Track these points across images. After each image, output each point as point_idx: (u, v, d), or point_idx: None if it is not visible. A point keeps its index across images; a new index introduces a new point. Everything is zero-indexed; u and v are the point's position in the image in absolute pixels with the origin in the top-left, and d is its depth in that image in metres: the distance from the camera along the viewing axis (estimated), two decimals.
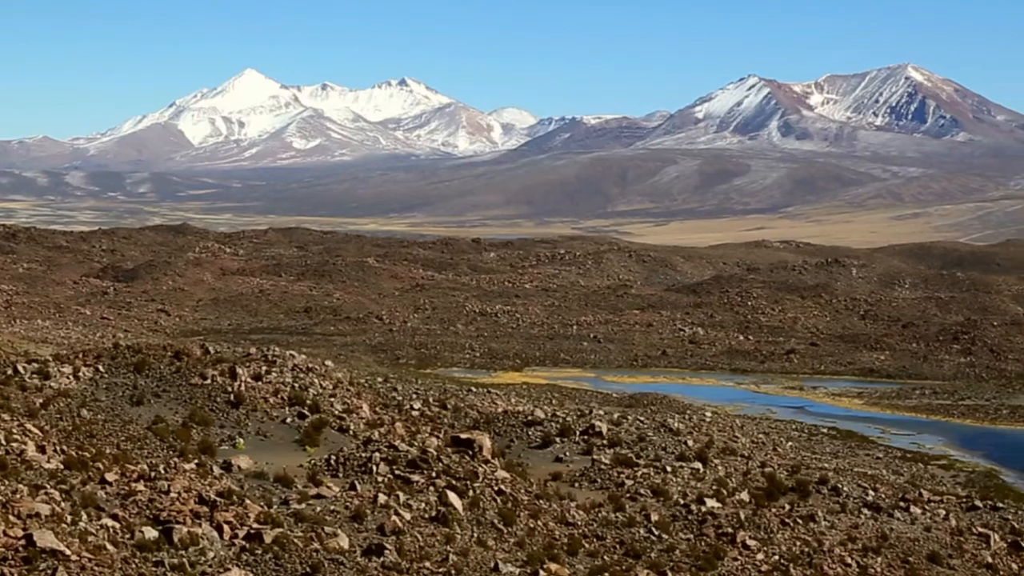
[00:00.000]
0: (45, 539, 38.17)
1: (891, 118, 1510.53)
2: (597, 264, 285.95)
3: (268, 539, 42.98)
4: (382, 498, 50.63)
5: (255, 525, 44.07)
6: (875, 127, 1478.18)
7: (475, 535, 49.99)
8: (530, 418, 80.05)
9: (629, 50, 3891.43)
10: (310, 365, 79.69)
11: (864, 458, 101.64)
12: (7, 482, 43.57)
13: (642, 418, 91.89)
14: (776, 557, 53.84)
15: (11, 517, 40.01)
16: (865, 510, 66.48)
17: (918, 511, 67.17)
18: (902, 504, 68.32)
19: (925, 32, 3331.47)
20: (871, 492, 71.73)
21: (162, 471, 48.62)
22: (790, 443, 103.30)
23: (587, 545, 51.97)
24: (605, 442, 74.85)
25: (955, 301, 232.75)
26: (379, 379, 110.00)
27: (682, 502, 60.23)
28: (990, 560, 58.62)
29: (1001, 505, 75.92)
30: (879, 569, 55.01)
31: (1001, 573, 57.15)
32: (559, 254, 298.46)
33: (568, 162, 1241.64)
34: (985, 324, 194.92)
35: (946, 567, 56.81)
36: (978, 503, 75.15)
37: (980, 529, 64.63)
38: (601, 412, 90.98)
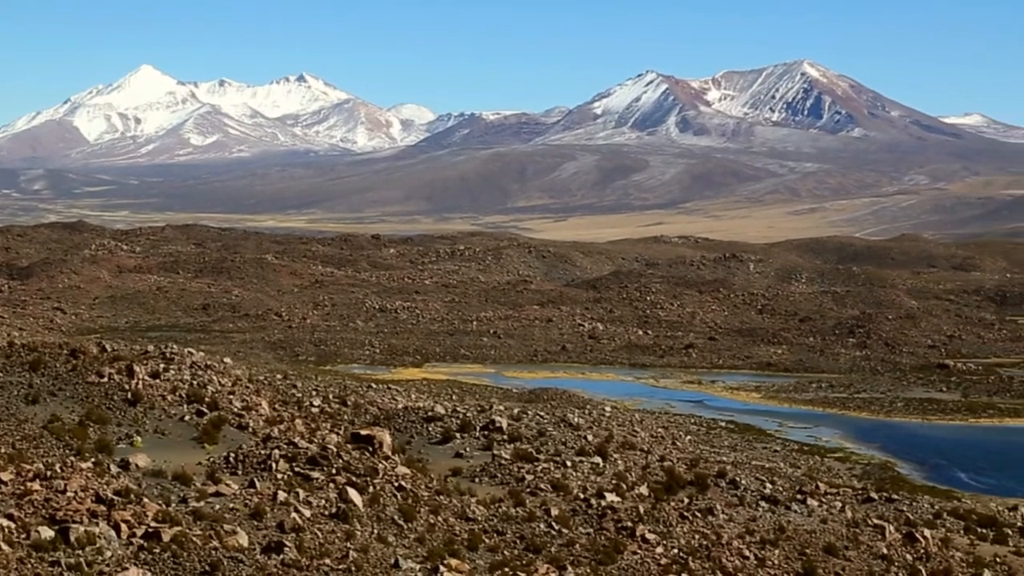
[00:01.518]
0: None
1: (787, 114, 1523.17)
2: (497, 260, 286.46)
3: (166, 538, 42.59)
4: (282, 495, 50.35)
5: (153, 524, 43.63)
6: (772, 123, 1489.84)
7: (375, 531, 49.83)
8: (430, 414, 79.99)
9: (528, 46, 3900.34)
10: (208, 362, 79.19)
11: (762, 451, 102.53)
12: None
13: (542, 413, 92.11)
14: (675, 550, 54.09)
15: None
16: (763, 503, 67.03)
17: (815, 503, 67.83)
18: (799, 497, 68.97)
19: (821, 28, 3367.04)
20: (769, 485, 72.35)
21: (58, 470, 48.00)
22: (689, 437, 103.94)
23: (487, 540, 51.96)
24: (505, 437, 74.94)
25: (851, 295, 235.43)
26: (278, 376, 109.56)
27: (582, 496, 60.35)
28: (885, 551, 59.24)
29: (896, 497, 76.92)
30: (777, 561, 55.43)
31: (896, 564, 57.76)
32: (459, 250, 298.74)
33: (467, 158, 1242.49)
34: (880, 318, 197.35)
35: (842, 558, 57.34)
36: (873, 495, 76.07)
37: (875, 520, 65.33)
38: (501, 407, 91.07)
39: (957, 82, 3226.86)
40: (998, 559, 61.86)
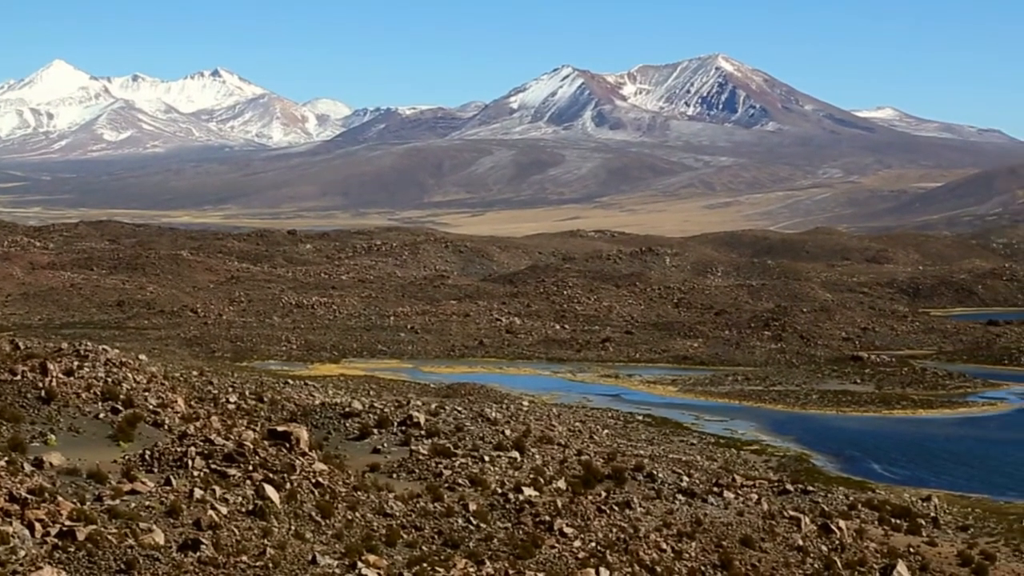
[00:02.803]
0: None
1: (703, 108, 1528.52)
2: (414, 255, 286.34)
3: (81, 536, 42.28)
4: (198, 493, 50.10)
5: (68, 522, 43.31)
6: (687, 117, 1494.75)
7: (293, 528, 49.71)
8: (348, 410, 79.81)
9: (443, 41, 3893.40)
10: (123, 359, 78.52)
11: (679, 444, 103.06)
12: None
13: (460, 408, 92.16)
14: (593, 544, 54.30)
15: None
16: (680, 496, 67.39)
17: (731, 496, 68.26)
18: (716, 489, 69.37)
19: (735, 23, 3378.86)
20: (685, 478, 72.72)
21: None
22: (606, 431, 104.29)
23: (405, 536, 51.97)
24: (423, 432, 74.86)
25: (766, 288, 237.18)
26: (194, 373, 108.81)
27: (500, 491, 60.45)
28: (801, 542, 59.76)
29: (811, 488, 77.64)
30: (694, 554, 55.78)
31: (811, 555, 58.28)
32: (375, 245, 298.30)
33: (383, 153, 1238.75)
34: (795, 311, 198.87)
35: (758, 550, 57.78)
36: (789, 487, 76.73)
37: (791, 512, 65.90)
38: (419, 403, 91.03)
39: (870, 76, 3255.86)
40: (912, 549, 62.55)
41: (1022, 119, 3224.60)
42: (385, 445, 72.28)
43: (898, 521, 70.92)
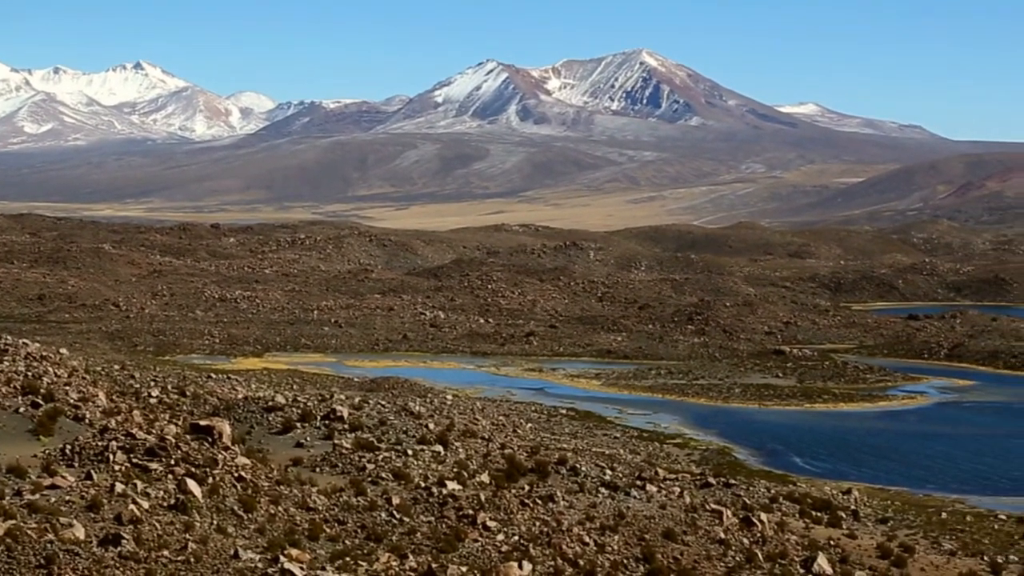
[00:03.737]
0: None
1: (627, 103, 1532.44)
2: (338, 249, 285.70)
3: (0, 532, 42.01)
4: (119, 487, 49.84)
5: None
6: (611, 112, 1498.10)
7: (215, 522, 49.55)
8: (271, 404, 79.55)
9: (368, 34, 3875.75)
10: (44, 353, 78.00)
11: (602, 438, 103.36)
12: None
13: (383, 402, 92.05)
14: (516, 538, 54.43)
15: None
16: (603, 489, 67.65)
17: (654, 489, 68.61)
18: (638, 483, 69.69)
19: (659, 17, 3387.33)
20: (609, 472, 73.01)
21: None
22: (530, 425, 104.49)
23: (328, 530, 51.92)
24: (346, 427, 74.76)
25: (689, 283, 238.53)
26: (116, 367, 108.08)
27: (423, 485, 60.49)
28: (723, 535, 60.11)
29: (733, 482, 78.09)
30: (616, 547, 55.99)
31: (733, 548, 58.62)
32: (299, 239, 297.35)
33: (308, 146, 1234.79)
34: (718, 305, 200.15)
35: (680, 543, 58.07)
36: (711, 480, 77.17)
37: (713, 506, 66.29)
38: (342, 397, 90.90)
39: (792, 72, 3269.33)
40: (832, 542, 63.08)
41: (943, 115, 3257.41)
42: (308, 439, 72.12)
43: (819, 514, 71.49)
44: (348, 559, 47.87)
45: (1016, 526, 75.45)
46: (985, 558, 63.77)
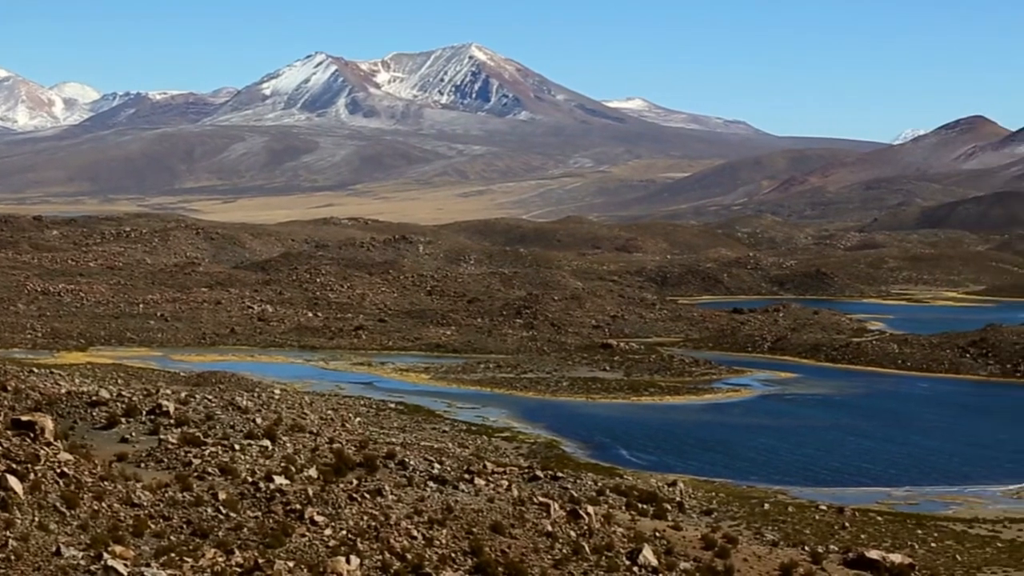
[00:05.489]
0: None
1: (456, 97, 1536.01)
2: (164, 242, 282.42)
3: None
4: None
5: None
6: (441, 105, 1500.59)
7: (36, 519, 48.78)
8: (95, 399, 78.34)
9: (194, 25, 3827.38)
10: None
11: (431, 432, 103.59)
12: None
13: (210, 397, 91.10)
14: (344, 532, 54.31)
15: None
16: (431, 483, 67.69)
17: (482, 483, 68.78)
18: (467, 476, 69.82)
19: (488, 11, 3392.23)
20: (437, 465, 73.05)
21: None
22: (359, 419, 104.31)
23: (153, 526, 51.38)
24: (172, 422, 73.91)
25: (518, 276, 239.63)
26: None
27: (250, 480, 60.09)
28: (550, 528, 60.43)
29: (561, 475, 78.65)
30: (445, 540, 56.10)
31: (560, 540, 58.98)
32: (124, 232, 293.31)
33: (133, 138, 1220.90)
34: (546, 299, 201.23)
35: (508, 536, 58.30)
36: (539, 473, 77.61)
37: (541, 499, 66.63)
38: (168, 391, 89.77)
39: (620, 67, 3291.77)
40: (658, 534, 63.75)
41: (767, 111, 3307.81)
42: (133, 434, 71.18)
43: (645, 506, 72.30)
44: (173, 555, 47.42)
45: (836, 516, 77.06)
46: (806, 548, 64.99)
